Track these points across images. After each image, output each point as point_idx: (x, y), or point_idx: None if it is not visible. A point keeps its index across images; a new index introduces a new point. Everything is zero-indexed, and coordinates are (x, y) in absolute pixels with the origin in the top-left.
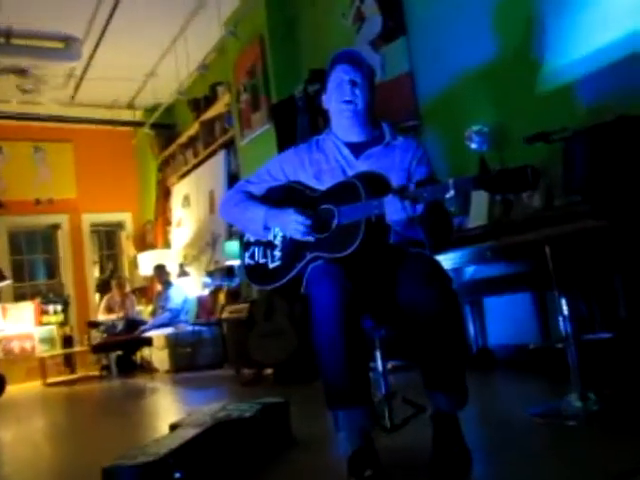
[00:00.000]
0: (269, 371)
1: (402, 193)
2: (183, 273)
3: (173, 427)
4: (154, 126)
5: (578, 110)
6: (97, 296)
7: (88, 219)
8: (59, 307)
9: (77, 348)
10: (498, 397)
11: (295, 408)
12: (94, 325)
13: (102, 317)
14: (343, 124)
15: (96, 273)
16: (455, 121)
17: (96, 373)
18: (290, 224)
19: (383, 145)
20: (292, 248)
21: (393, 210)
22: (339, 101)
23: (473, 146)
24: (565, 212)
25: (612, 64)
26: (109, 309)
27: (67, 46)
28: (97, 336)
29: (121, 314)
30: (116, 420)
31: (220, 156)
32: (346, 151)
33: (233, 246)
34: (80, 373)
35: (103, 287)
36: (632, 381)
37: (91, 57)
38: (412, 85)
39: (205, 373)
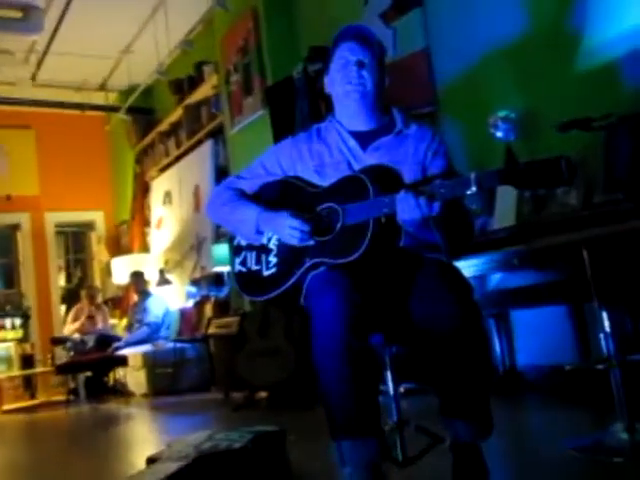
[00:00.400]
0: (263, 394)
1: (416, 189)
2: (164, 281)
3: (151, 460)
4: (130, 111)
5: (623, 93)
6: (63, 308)
7: (53, 218)
8: (18, 321)
9: (39, 369)
10: (528, 426)
11: (293, 437)
12: (59, 342)
13: (70, 328)
14: (349, 110)
15: (62, 281)
16: (478, 106)
17: (61, 398)
18: (285, 229)
19: (394, 134)
20: (290, 253)
21: (406, 208)
22: (344, 84)
23: (499, 135)
24: (606, 211)
25: None
26: (76, 322)
27: (26, 16)
28: (63, 355)
29: (76, 324)
30: (85, 453)
31: (207, 146)
32: (352, 142)
33: (222, 250)
34: (42, 398)
35: (70, 297)
36: None
37: (55, 29)
38: (428, 65)
39: (189, 397)
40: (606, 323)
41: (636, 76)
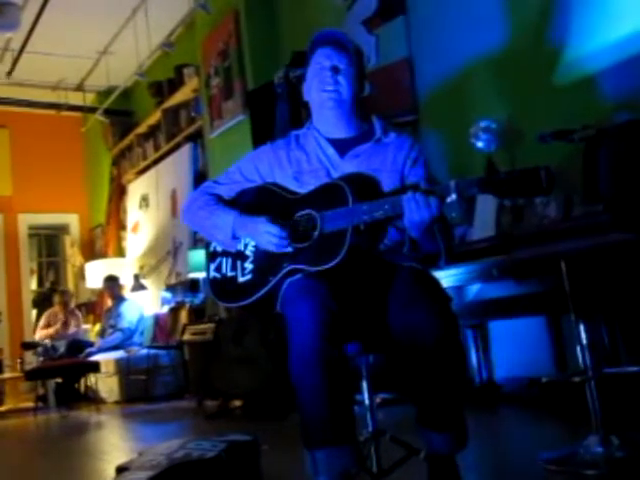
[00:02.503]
0: (237, 403)
1: (425, 189)
2: (139, 286)
3: (120, 470)
4: (108, 112)
5: (603, 105)
6: (34, 312)
7: (26, 220)
8: None
9: (7, 374)
10: (504, 439)
11: (266, 447)
12: (30, 346)
13: (42, 334)
14: (326, 117)
15: (34, 285)
16: (459, 116)
17: (30, 404)
18: (262, 235)
19: (373, 142)
20: (266, 260)
21: (415, 208)
22: (320, 90)
23: (479, 145)
24: (585, 223)
25: None
26: (49, 328)
27: (1, 12)
28: (33, 360)
29: (52, 330)
30: (52, 462)
31: (185, 150)
32: (331, 150)
33: (198, 256)
34: (10, 405)
35: (42, 301)
36: None
37: (32, 27)
38: (410, 73)
39: (162, 405)
40: (583, 336)
41: (615, 89)
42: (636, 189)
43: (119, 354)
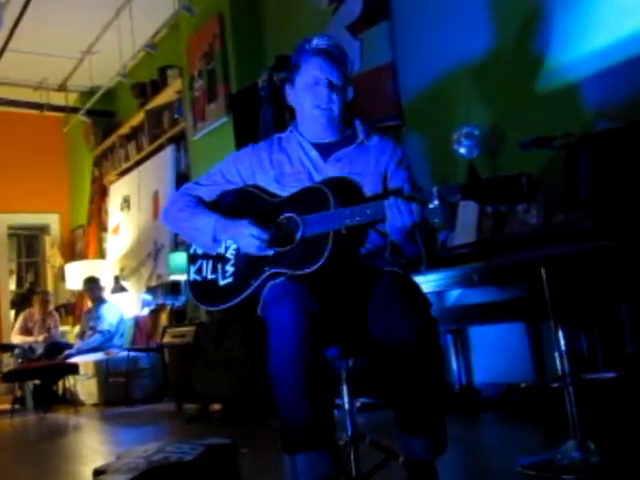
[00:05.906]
0: (217, 406)
1: (407, 195)
2: (119, 288)
3: (98, 473)
4: (90, 113)
5: (584, 113)
6: (12, 313)
7: (5, 220)
8: None
9: None
10: (483, 444)
11: (246, 451)
12: (7, 348)
13: (17, 339)
14: (313, 128)
15: (12, 286)
16: (442, 122)
17: (7, 407)
18: (244, 237)
19: (356, 145)
20: (247, 263)
21: (397, 214)
22: (313, 106)
23: (462, 151)
24: (566, 230)
25: (624, 62)
26: (26, 329)
27: None
28: (10, 362)
29: (41, 337)
30: (29, 466)
31: (167, 152)
32: (314, 153)
33: (179, 258)
34: None
35: (20, 302)
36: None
37: (14, 26)
38: (394, 78)
39: (141, 407)
40: (562, 342)
41: (597, 97)
42: (616, 197)
43: (98, 356)
